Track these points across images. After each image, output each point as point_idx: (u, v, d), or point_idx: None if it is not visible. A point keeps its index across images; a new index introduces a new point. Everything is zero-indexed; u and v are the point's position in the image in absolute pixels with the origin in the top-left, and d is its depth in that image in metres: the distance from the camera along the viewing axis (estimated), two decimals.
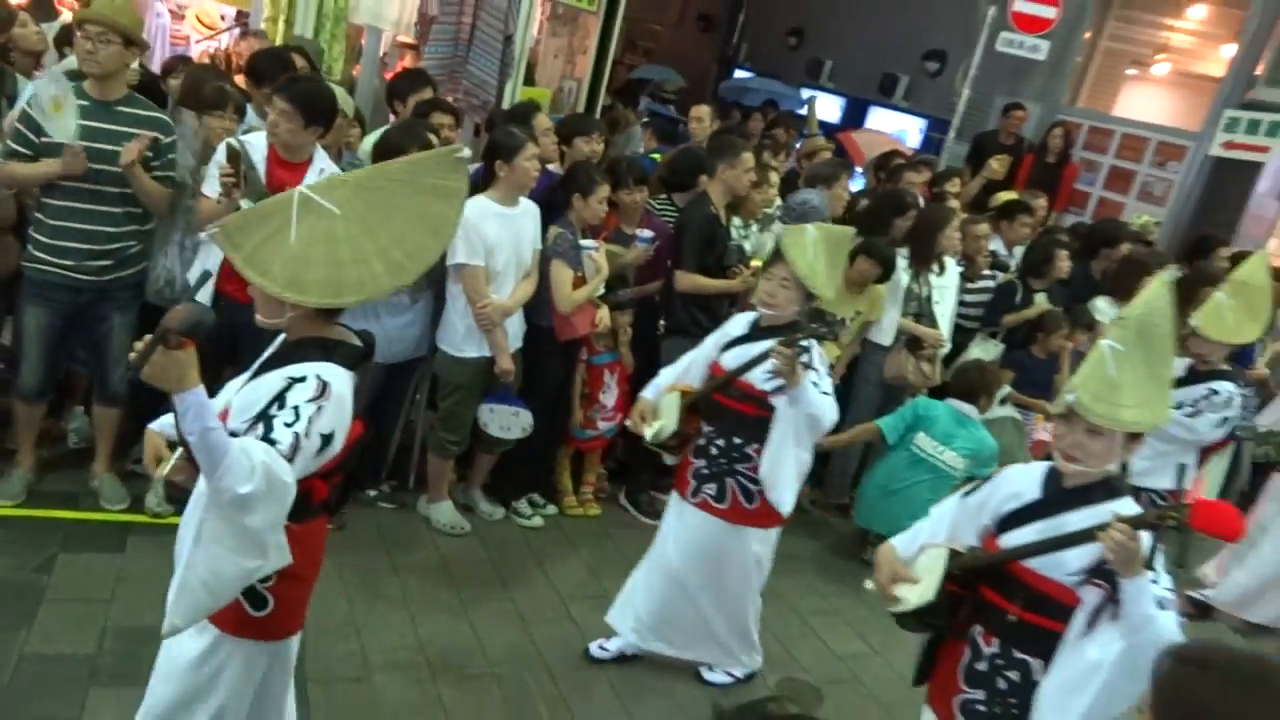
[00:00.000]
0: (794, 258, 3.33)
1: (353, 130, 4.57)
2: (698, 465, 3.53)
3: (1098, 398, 2.28)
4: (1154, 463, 4.00)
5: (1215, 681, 1.21)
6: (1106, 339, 2.37)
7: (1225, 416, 4.17)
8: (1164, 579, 2.19)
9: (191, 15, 7.38)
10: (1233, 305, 4.13)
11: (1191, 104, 9.53)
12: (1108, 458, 2.32)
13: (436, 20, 5.96)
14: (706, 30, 14.27)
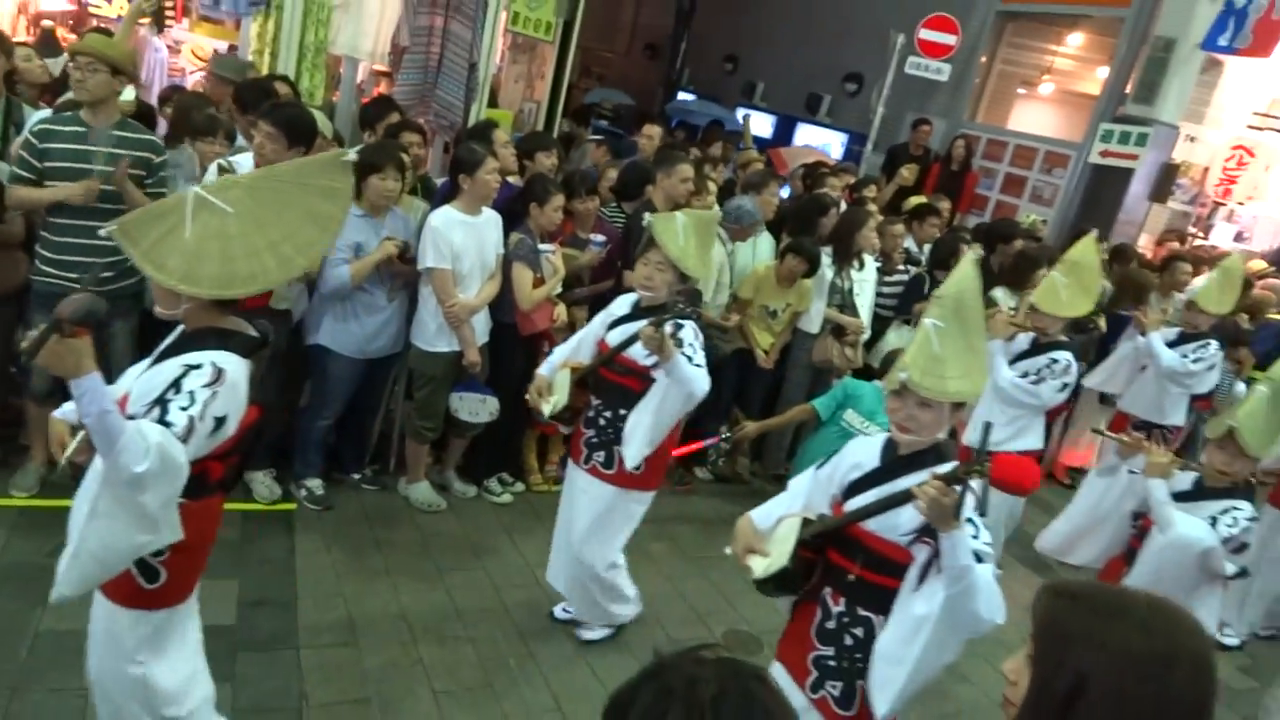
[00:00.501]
0: (666, 242, 3.22)
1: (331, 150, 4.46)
2: (588, 435, 3.42)
3: (925, 373, 2.23)
4: (1010, 429, 4.05)
5: (1084, 610, 1.21)
6: (928, 317, 2.31)
7: (1065, 383, 4.12)
8: (984, 534, 2.15)
9: (186, 49, 7.18)
10: (1066, 283, 4.09)
11: (1073, 118, 9.66)
12: (937, 426, 2.28)
13: (408, 51, 5.84)
14: (653, 57, 14.20)
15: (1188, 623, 1.21)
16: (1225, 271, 5.10)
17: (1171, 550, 2.91)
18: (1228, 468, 3.05)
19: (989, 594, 2.09)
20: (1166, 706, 1.15)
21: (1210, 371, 5.15)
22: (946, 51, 8.55)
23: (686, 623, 3.95)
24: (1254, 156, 9.30)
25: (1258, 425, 3.03)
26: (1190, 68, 8.45)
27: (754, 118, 10.85)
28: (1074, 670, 1.17)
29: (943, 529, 2.07)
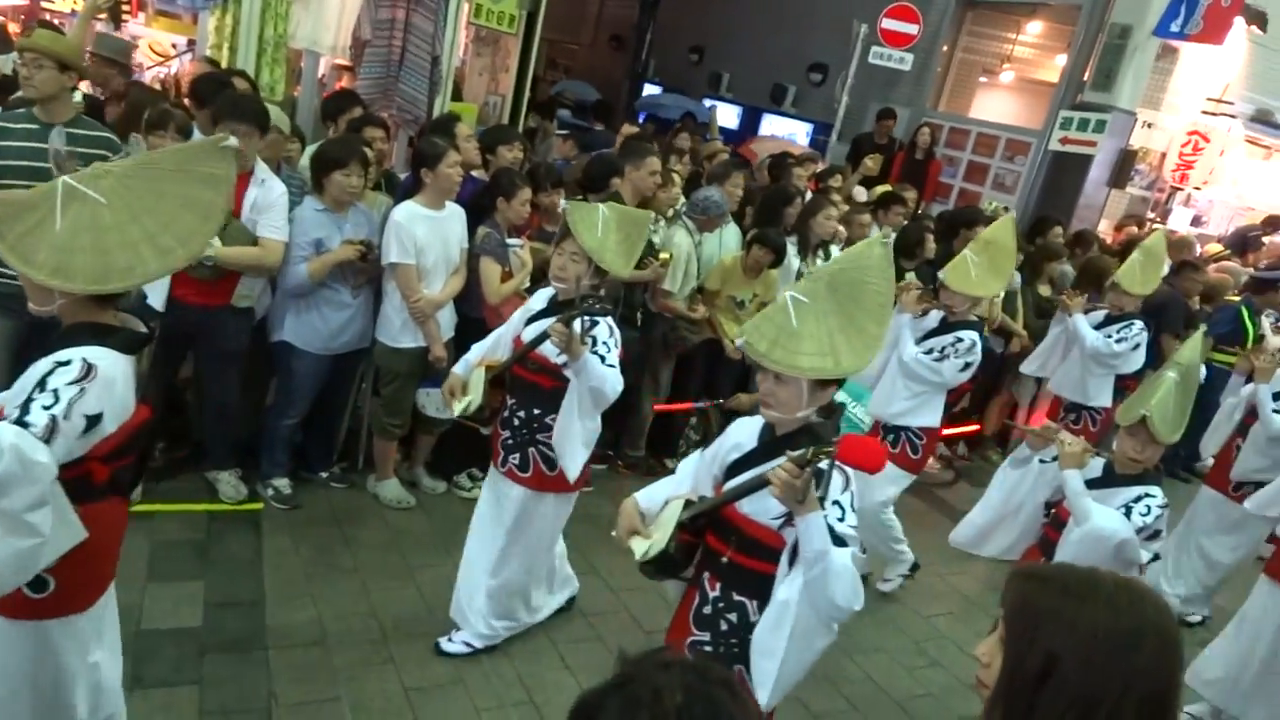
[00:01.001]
0: (580, 232, 3.06)
1: (292, 145, 4.40)
2: (504, 436, 3.28)
3: (776, 344, 2.15)
4: (911, 403, 4.07)
5: (1054, 591, 1.24)
6: (790, 291, 2.22)
7: (967, 362, 4.04)
8: (850, 516, 2.09)
9: (144, 45, 7.03)
10: (978, 261, 4.01)
11: (1033, 106, 9.75)
12: (795, 404, 2.19)
13: (370, 44, 5.76)
14: (618, 49, 14.12)
15: (1154, 600, 1.25)
16: (1147, 251, 5.07)
17: (1088, 542, 2.85)
18: (1139, 455, 2.99)
19: (846, 579, 2.01)
20: (1134, 681, 1.18)
21: (1135, 352, 5.13)
22: (909, 41, 8.60)
23: (658, 611, 3.92)
24: (1209, 142, 9.46)
25: (1168, 411, 2.97)
26: (1146, 55, 8.55)
27: (720, 109, 10.87)
28: (1045, 650, 1.20)
29: (797, 511, 2.02)
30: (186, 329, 3.75)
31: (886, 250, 2.36)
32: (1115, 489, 3.02)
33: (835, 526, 2.03)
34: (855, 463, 1.95)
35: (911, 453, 4.18)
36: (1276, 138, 10.45)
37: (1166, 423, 2.95)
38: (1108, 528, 2.84)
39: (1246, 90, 9.80)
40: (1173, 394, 2.99)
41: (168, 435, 4.20)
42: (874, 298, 2.26)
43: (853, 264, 2.30)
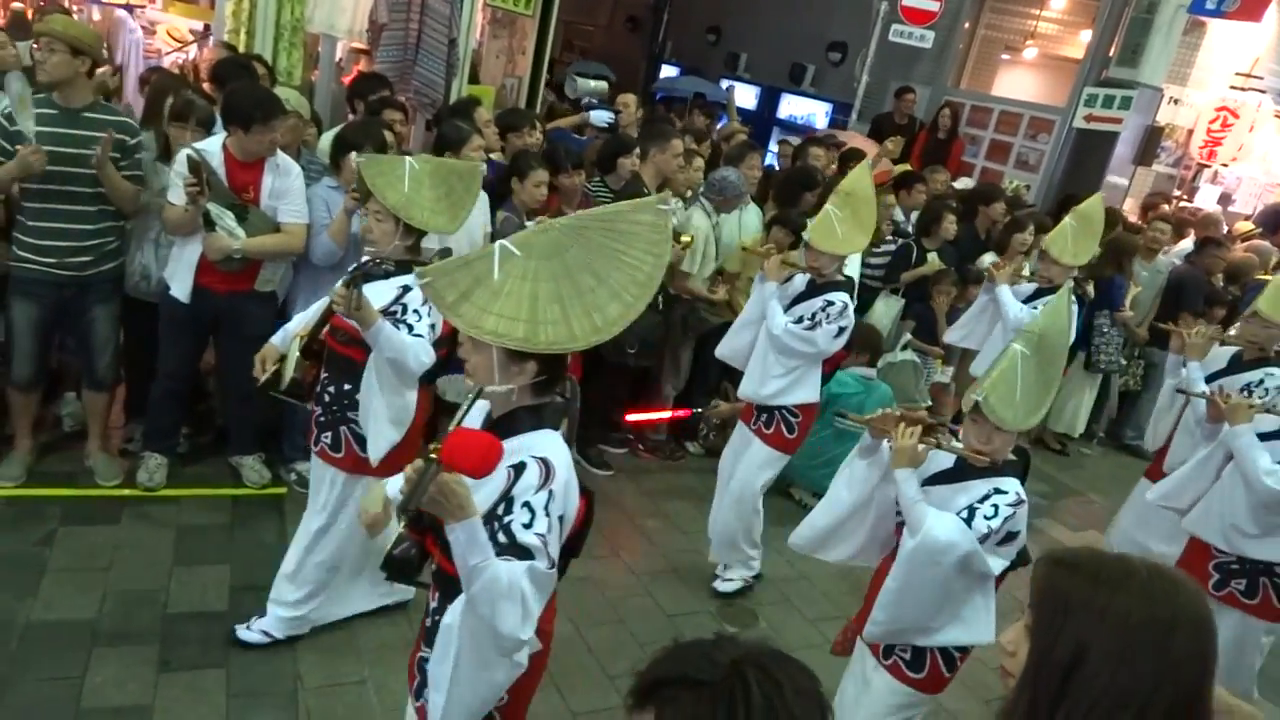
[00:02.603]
0: (377, 189, 2.75)
1: (310, 130, 4.40)
2: (317, 413, 3.02)
3: (465, 297, 1.75)
4: (786, 380, 3.70)
5: (1084, 579, 1.20)
6: (505, 241, 1.82)
7: (841, 327, 3.66)
8: (542, 521, 1.73)
9: (162, 30, 7.04)
10: (841, 217, 3.60)
11: (1057, 83, 9.60)
12: (486, 375, 1.84)
13: (386, 27, 5.75)
14: (635, 30, 14.02)
15: (1188, 588, 1.20)
16: (1081, 217, 4.49)
17: (923, 555, 2.40)
18: (985, 446, 2.47)
19: (512, 601, 1.66)
20: (1167, 673, 1.14)
21: None
22: (930, 18, 8.49)
23: (680, 597, 3.95)
24: (1238, 118, 9.29)
25: (1011, 393, 2.44)
26: (1174, 29, 8.40)
27: (738, 89, 10.76)
28: (1074, 640, 1.16)
29: (444, 518, 1.64)
30: (212, 316, 3.77)
31: (661, 219, 1.88)
32: (964, 483, 2.51)
33: (518, 534, 1.70)
34: (455, 464, 1.57)
35: (787, 432, 3.80)
36: None
37: (1010, 406, 2.42)
38: (944, 539, 2.36)
39: (1276, 64, 9.61)
40: (1018, 371, 2.46)
41: (193, 421, 4.23)
42: (626, 271, 1.82)
43: (607, 225, 1.85)
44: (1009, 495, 2.43)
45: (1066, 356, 2.70)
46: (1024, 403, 2.44)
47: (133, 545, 3.55)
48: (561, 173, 4.44)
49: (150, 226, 3.82)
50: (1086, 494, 6.09)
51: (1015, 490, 2.45)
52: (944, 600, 2.44)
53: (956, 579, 2.42)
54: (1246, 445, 3.25)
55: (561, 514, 1.81)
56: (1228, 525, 3.32)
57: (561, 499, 1.80)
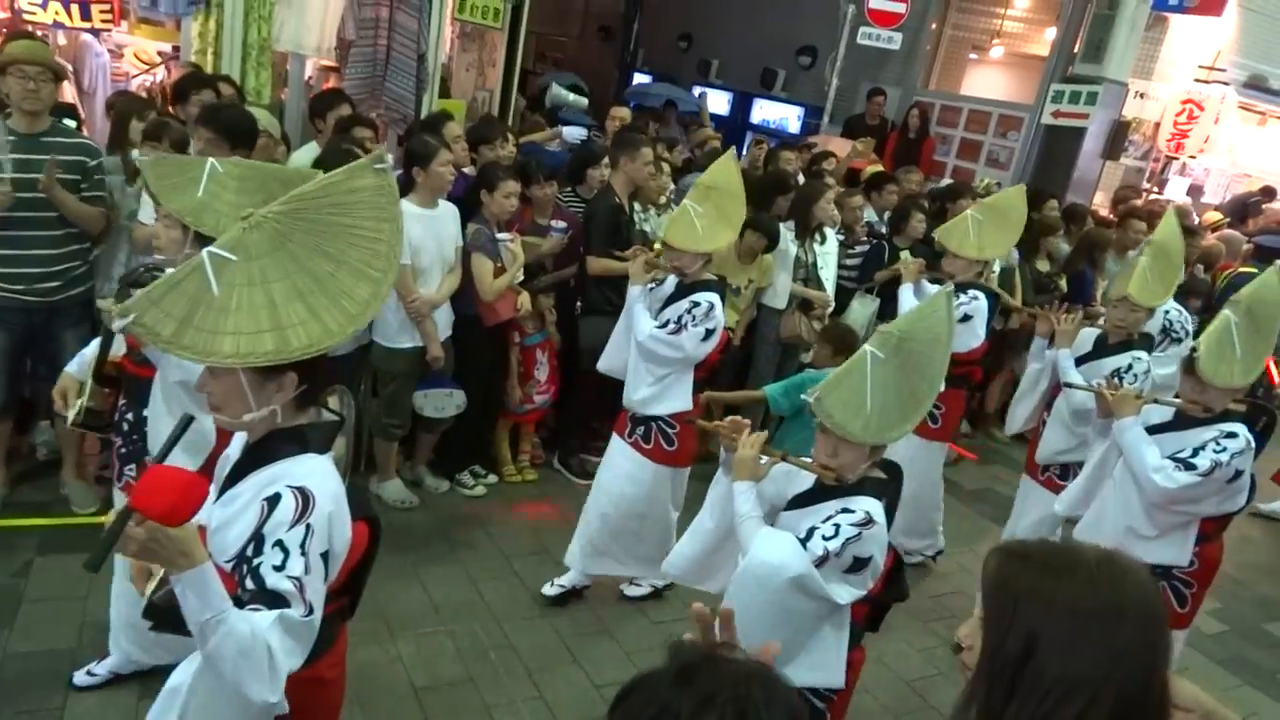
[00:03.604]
0: (164, 192, 2.38)
1: (279, 149, 4.38)
2: (118, 444, 2.75)
3: (186, 324, 1.52)
4: (656, 389, 3.48)
5: (1033, 569, 1.20)
6: (211, 248, 1.58)
7: (709, 329, 3.43)
8: (297, 563, 1.53)
9: (129, 53, 7.00)
10: (702, 212, 3.43)
11: (1024, 81, 9.70)
12: (240, 403, 1.64)
13: (354, 44, 5.74)
14: (607, 39, 14.07)
15: (1136, 576, 1.21)
16: (989, 209, 4.22)
17: (751, 577, 2.17)
18: (832, 460, 2.23)
19: (256, 656, 1.45)
20: (1116, 661, 1.14)
21: (965, 325, 4.09)
22: (897, 20, 8.56)
23: (666, 606, 3.94)
24: (1203, 110, 9.42)
25: (857, 402, 2.18)
26: (1136, 25, 8.51)
27: (710, 95, 10.82)
28: (1024, 630, 1.16)
29: (168, 570, 1.45)
30: None
31: (382, 179, 1.69)
32: (815, 505, 2.28)
33: (266, 578, 1.51)
34: (144, 509, 1.37)
35: (666, 444, 3.57)
36: (1270, 103, 10.41)
37: (857, 415, 2.15)
38: (773, 560, 2.14)
39: (1238, 56, 9.76)
40: (867, 376, 2.19)
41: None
42: (363, 245, 1.65)
43: (324, 201, 1.64)
44: (855, 515, 2.15)
45: (942, 365, 2.35)
46: (880, 414, 2.16)
47: (111, 574, 3.51)
48: (533, 184, 4.44)
49: (119, 248, 3.79)
50: None
51: (866, 510, 2.16)
52: (785, 629, 2.15)
53: (796, 606, 2.16)
54: (1134, 440, 3.00)
55: (326, 550, 1.59)
56: (1123, 528, 3.05)
57: (324, 533, 1.59)
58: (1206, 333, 2.95)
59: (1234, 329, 2.92)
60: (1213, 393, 2.92)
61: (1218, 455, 2.86)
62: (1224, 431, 2.91)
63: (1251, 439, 2.91)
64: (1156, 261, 3.66)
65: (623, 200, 4.65)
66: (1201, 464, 2.87)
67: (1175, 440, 2.99)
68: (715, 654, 0.99)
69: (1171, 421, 3.08)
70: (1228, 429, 2.91)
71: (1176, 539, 3.03)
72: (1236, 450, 2.87)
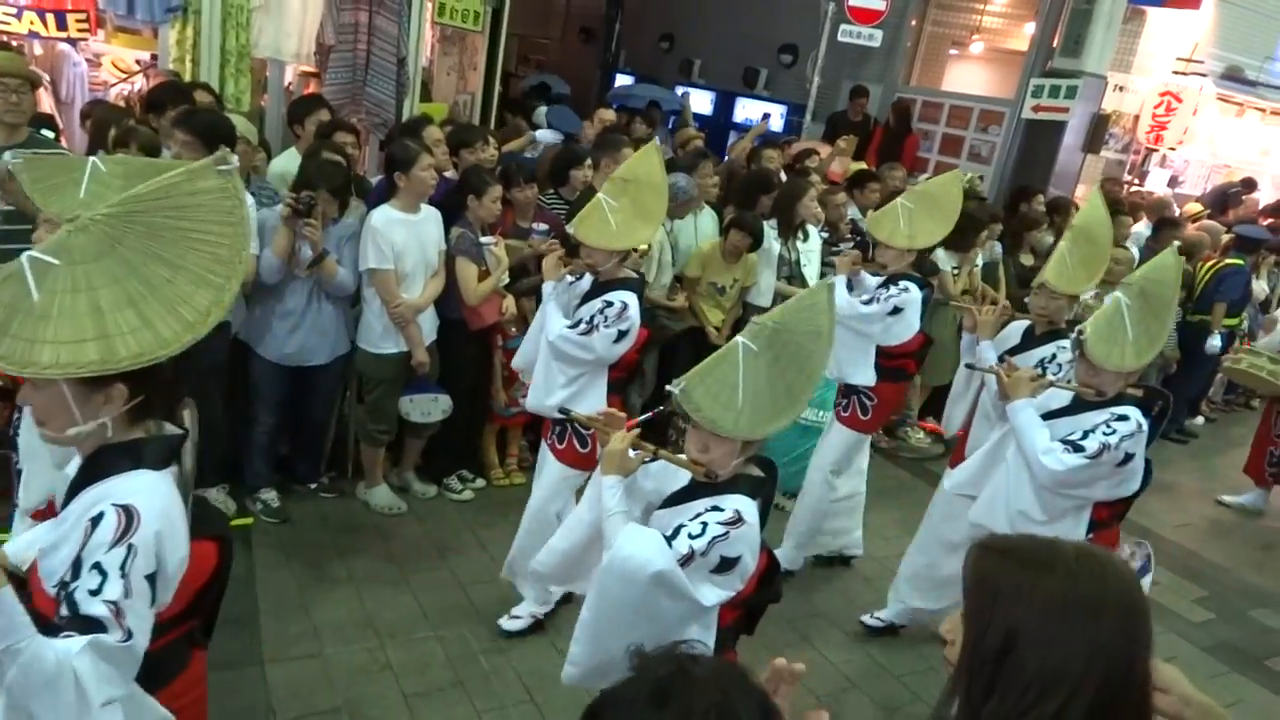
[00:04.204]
0: (39, 195, 2.16)
1: (258, 156, 4.36)
2: (15, 460, 2.57)
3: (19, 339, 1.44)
4: (569, 391, 3.31)
5: (1013, 564, 1.21)
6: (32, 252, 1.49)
7: (621, 330, 3.22)
8: (115, 586, 1.43)
9: (107, 62, 6.95)
10: (616, 207, 3.22)
11: (1004, 75, 9.74)
12: (65, 416, 1.54)
13: (334, 49, 5.73)
14: (588, 41, 14.05)
15: (1117, 569, 1.21)
16: (920, 196, 4.02)
17: (614, 574, 2.05)
18: (702, 455, 2.12)
19: (51, 690, 1.35)
20: (1096, 654, 1.14)
21: (894, 318, 3.91)
22: (877, 17, 8.58)
23: None
24: (1181, 102, 9.49)
25: (728, 394, 2.06)
26: (1114, 18, 8.56)
27: (693, 95, 10.82)
28: (1004, 625, 1.16)
29: None
30: None
31: (227, 181, 1.62)
32: (687, 503, 2.16)
33: (80, 603, 1.41)
34: None
35: (580, 446, 3.40)
36: (1248, 94, 10.49)
37: (728, 408, 2.04)
38: (638, 556, 2.02)
39: (1215, 48, 9.83)
40: (739, 366, 2.08)
41: None
42: (204, 250, 1.58)
43: (162, 204, 1.56)
44: (724, 513, 2.04)
45: (823, 360, 2.21)
46: (752, 408, 2.04)
47: None
48: (514, 186, 4.43)
49: None
50: None
51: (735, 509, 2.05)
52: (648, 629, 2.02)
53: (660, 605, 2.05)
54: (1025, 422, 2.95)
55: (153, 571, 1.49)
56: (1014, 511, 2.97)
57: (150, 553, 1.48)
58: (1095, 315, 2.90)
59: (1125, 311, 2.85)
60: (1106, 376, 2.88)
61: (1107, 438, 2.81)
62: (1115, 414, 2.86)
63: (1144, 422, 2.86)
64: (1078, 246, 3.53)
65: None
66: (1090, 446, 2.82)
67: (1070, 424, 2.94)
68: (683, 665, 0.97)
69: (1069, 406, 3.03)
70: (1119, 411, 2.87)
71: (1068, 524, 2.94)
72: (1126, 433, 2.82)
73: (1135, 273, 2.98)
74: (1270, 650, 4.24)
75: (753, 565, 2.10)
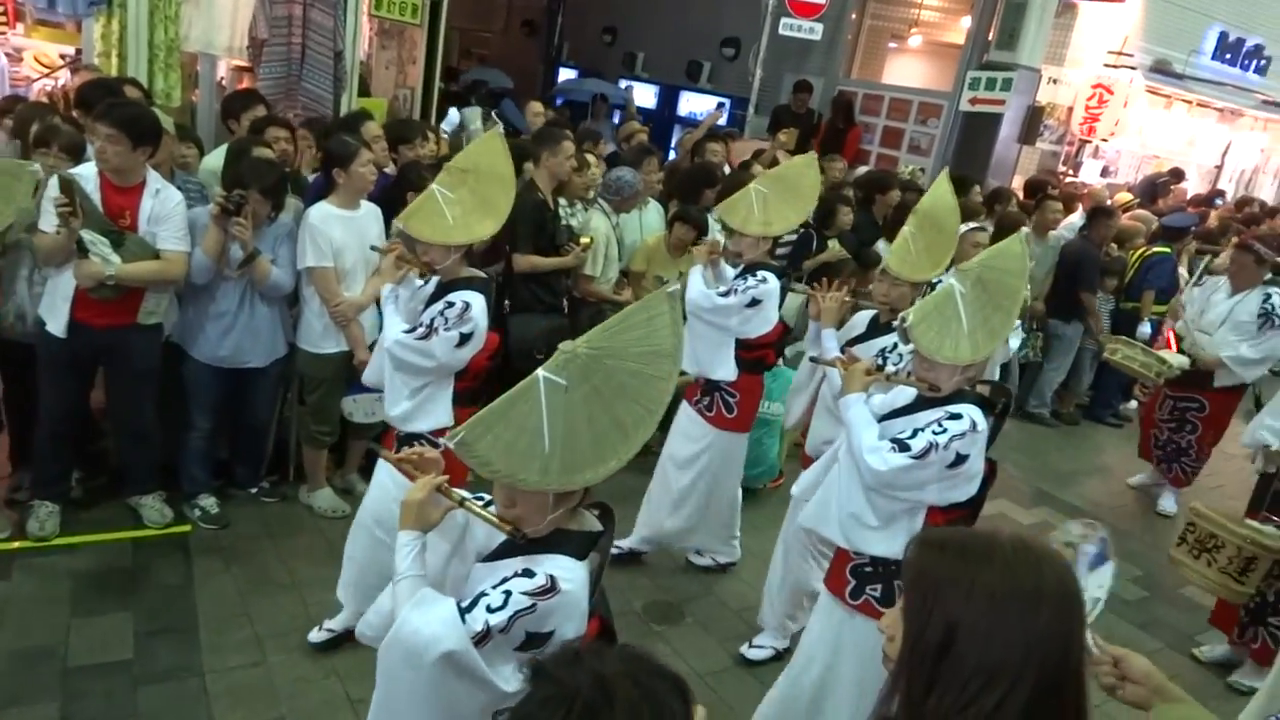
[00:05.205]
0: None
1: (189, 151, 4.24)
2: None
3: None
4: (413, 403, 3.05)
5: (951, 557, 1.21)
6: None
7: (463, 333, 2.94)
8: None
9: (29, 56, 6.70)
10: (454, 199, 2.96)
11: (942, 69, 9.92)
12: None
13: (267, 43, 5.59)
14: (531, 34, 13.97)
15: (1053, 561, 1.21)
16: (774, 180, 3.84)
17: (396, 654, 1.75)
18: (508, 511, 1.82)
19: None
20: (1034, 647, 1.14)
21: (752, 310, 3.73)
22: (817, 10, 8.68)
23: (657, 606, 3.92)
24: (1112, 94, 9.75)
25: (510, 438, 1.74)
26: (1046, 12, 8.76)
27: (637, 88, 10.82)
28: (943, 619, 1.16)
29: None
30: (93, 352, 3.60)
31: None
32: (501, 561, 1.86)
33: None
34: None
35: None
36: (1176, 87, 10.82)
37: (521, 458, 1.72)
38: (424, 631, 1.71)
39: (1144, 42, 10.12)
40: (542, 407, 1.73)
41: (85, 464, 4.04)
42: None
43: None
44: (534, 580, 1.72)
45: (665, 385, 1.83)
46: (564, 453, 1.72)
47: (26, 600, 3.37)
48: None
49: (22, 264, 3.63)
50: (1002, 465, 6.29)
51: (550, 575, 1.73)
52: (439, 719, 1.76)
53: (457, 690, 1.73)
54: (854, 418, 2.67)
55: None
56: (846, 515, 2.68)
57: None
58: (924, 300, 2.69)
59: (959, 300, 2.58)
60: (941, 370, 2.58)
61: (936, 437, 2.50)
62: (948, 413, 2.56)
63: (980, 422, 2.55)
64: (922, 232, 3.35)
65: (546, 196, 4.62)
66: (916, 445, 2.51)
67: (905, 422, 2.66)
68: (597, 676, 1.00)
69: (913, 402, 2.74)
70: (953, 410, 2.56)
71: (901, 529, 2.63)
72: (957, 433, 2.51)
73: (973, 259, 2.72)
74: (1200, 627, 4.39)
75: (573, 637, 1.77)
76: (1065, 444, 6.91)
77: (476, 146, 3.15)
